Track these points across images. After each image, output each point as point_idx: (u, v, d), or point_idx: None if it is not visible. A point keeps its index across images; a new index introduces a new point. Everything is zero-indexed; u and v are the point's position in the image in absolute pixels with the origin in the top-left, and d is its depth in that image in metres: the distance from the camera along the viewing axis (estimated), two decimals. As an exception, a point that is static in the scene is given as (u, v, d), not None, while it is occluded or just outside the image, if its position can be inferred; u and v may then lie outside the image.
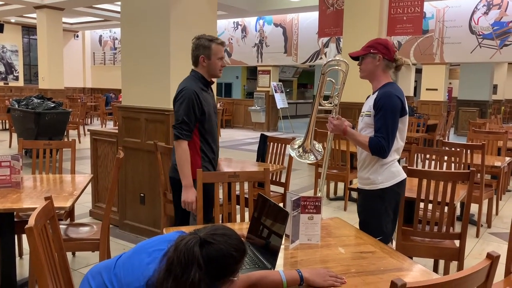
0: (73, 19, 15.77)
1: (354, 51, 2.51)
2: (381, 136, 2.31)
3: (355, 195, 5.40)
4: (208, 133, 2.64)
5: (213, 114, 2.67)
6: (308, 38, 12.64)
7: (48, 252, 1.56)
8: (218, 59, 2.61)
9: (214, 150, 2.72)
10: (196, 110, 2.52)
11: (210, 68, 2.61)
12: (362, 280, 1.59)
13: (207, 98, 2.62)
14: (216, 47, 2.59)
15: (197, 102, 2.53)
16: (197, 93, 2.53)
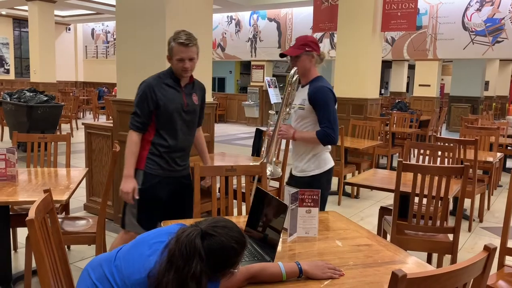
0: (65, 12, 15.60)
1: (289, 50, 2.65)
2: (326, 127, 2.58)
3: (349, 189, 5.44)
4: (164, 127, 2.53)
5: (176, 111, 2.52)
6: (302, 33, 12.51)
7: (47, 245, 1.56)
8: (177, 60, 2.44)
9: (171, 146, 2.55)
10: (149, 103, 2.46)
11: (173, 67, 2.51)
12: (359, 272, 1.61)
13: (168, 93, 2.50)
14: (176, 48, 2.42)
15: (151, 95, 2.46)
16: (153, 87, 2.47)
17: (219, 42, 14.36)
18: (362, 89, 6.78)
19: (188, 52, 2.42)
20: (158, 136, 2.53)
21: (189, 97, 2.59)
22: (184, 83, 2.57)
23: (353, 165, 5.41)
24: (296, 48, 2.63)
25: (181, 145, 2.59)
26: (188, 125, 2.62)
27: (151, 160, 2.53)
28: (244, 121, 14.03)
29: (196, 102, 2.64)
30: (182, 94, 2.55)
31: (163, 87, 2.49)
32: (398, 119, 8.08)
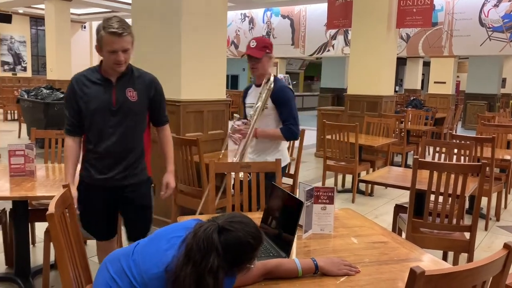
0: (81, 10, 15.77)
1: (254, 51, 2.76)
2: (290, 124, 2.78)
3: (363, 187, 5.41)
4: (89, 130, 2.22)
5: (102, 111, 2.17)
6: (316, 30, 12.59)
7: (66, 239, 1.59)
8: (109, 52, 2.07)
9: (98, 151, 2.21)
10: (73, 102, 2.18)
11: (104, 60, 2.15)
12: (375, 269, 1.60)
13: (90, 91, 2.16)
14: (106, 38, 2.05)
15: (73, 94, 2.17)
16: (73, 84, 2.18)
17: (233, 39, 14.37)
18: (377, 86, 6.74)
19: (122, 43, 2.05)
20: (87, 139, 2.26)
21: (121, 93, 2.19)
22: (116, 77, 2.19)
23: (368, 162, 5.38)
24: (259, 50, 2.76)
25: (112, 150, 2.21)
26: (125, 127, 2.21)
27: (84, 166, 2.29)
28: (257, 119, 14.01)
29: (134, 98, 2.20)
30: (112, 90, 2.18)
31: (86, 83, 2.17)
32: (413, 116, 8.01)
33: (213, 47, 3.97)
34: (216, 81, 4.06)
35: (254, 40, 2.80)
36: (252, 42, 2.78)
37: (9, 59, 16.71)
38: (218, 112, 4.11)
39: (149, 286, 1.37)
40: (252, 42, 2.78)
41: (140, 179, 2.31)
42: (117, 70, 2.14)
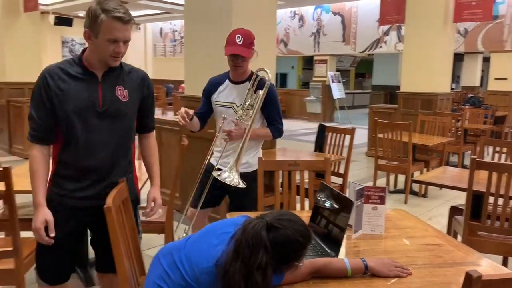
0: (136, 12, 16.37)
1: (242, 50, 2.45)
2: (278, 123, 2.68)
3: (416, 188, 5.24)
4: (67, 136, 1.77)
5: (85, 113, 1.76)
6: (368, 26, 12.30)
7: (122, 231, 1.66)
8: (109, 41, 1.71)
9: (80, 165, 1.80)
10: (45, 100, 1.73)
11: (97, 50, 1.75)
12: (429, 272, 1.55)
13: (70, 86, 1.74)
14: (108, 23, 1.69)
15: (46, 90, 1.72)
16: (46, 77, 1.73)
17: (282, 37, 14.35)
18: (432, 83, 6.49)
19: (125, 31, 1.74)
20: (64, 149, 1.80)
21: (109, 91, 1.81)
22: (102, 72, 1.82)
23: (421, 162, 5.19)
24: (247, 48, 2.48)
25: (96, 163, 1.81)
26: (112, 133, 1.82)
27: (56, 184, 1.82)
28: (306, 117, 13.93)
29: (125, 98, 1.84)
30: (98, 87, 1.79)
31: (63, 77, 1.75)
32: (471, 114, 7.64)
33: (262, 46, 3.96)
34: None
35: (239, 34, 2.45)
36: (237, 37, 2.44)
37: (70, 61, 17.63)
38: (267, 111, 4.12)
39: (200, 280, 1.40)
40: (237, 38, 2.44)
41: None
42: (112, 64, 1.79)
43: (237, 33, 2.46)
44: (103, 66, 1.80)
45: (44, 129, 1.75)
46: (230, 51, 2.46)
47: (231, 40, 2.46)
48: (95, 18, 1.70)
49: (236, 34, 2.46)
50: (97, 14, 1.69)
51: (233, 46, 2.44)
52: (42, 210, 1.74)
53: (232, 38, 2.46)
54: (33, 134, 1.76)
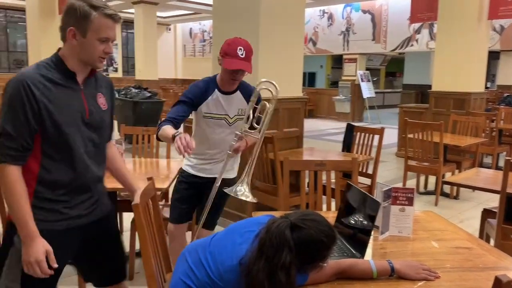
0: (166, 13, 16.62)
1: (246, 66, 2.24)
2: None
3: (447, 189, 5.11)
4: (55, 153, 1.56)
5: (74, 125, 1.58)
6: (398, 24, 12.07)
7: (149, 228, 1.69)
8: (100, 41, 1.56)
9: (69, 183, 1.60)
10: (28, 114, 1.48)
11: (83, 51, 1.57)
12: (458, 276, 1.51)
13: (59, 97, 1.54)
14: (100, 20, 1.54)
15: (30, 102, 1.48)
16: (29, 86, 1.48)
17: (311, 36, 14.26)
18: (465, 82, 6.31)
19: (115, 30, 1.61)
20: (50, 170, 1.57)
21: (92, 100, 1.66)
22: (83, 78, 1.64)
23: (453, 163, 5.06)
24: (249, 61, 2.28)
25: (86, 180, 1.65)
26: (96, 145, 1.68)
27: (40, 209, 1.56)
28: (335, 116, 13.80)
29: (105, 106, 1.72)
30: (81, 95, 1.62)
31: (47, 85, 1.52)
32: (506, 114, 7.36)
33: (290, 45, 3.98)
34: (293, 78, 4.07)
35: (241, 47, 2.24)
36: (239, 49, 2.23)
37: (103, 61, 18.09)
38: (294, 110, 4.12)
39: (224, 277, 1.42)
40: (239, 50, 2.23)
41: (108, 209, 1.79)
42: (99, 66, 1.64)
43: (238, 45, 2.25)
44: (84, 70, 1.63)
45: (24, 147, 1.50)
46: (233, 65, 2.23)
47: (232, 53, 2.24)
48: (84, 15, 1.53)
49: (237, 46, 2.25)
50: (86, 10, 1.53)
51: (235, 59, 2.24)
52: (39, 239, 1.51)
53: (233, 50, 2.24)
54: (12, 154, 1.49)
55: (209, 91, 2.39)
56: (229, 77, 2.32)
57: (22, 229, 1.51)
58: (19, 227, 1.51)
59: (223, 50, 2.28)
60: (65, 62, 1.58)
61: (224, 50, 2.28)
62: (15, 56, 15.75)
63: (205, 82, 2.41)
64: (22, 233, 1.51)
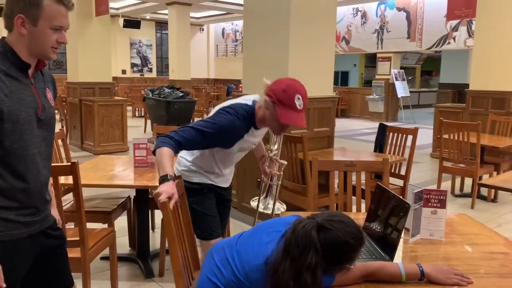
0: (199, 13, 16.82)
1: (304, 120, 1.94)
2: None
3: (485, 192, 4.93)
4: (12, 155, 1.40)
5: (28, 121, 1.43)
6: (435, 22, 11.75)
7: (178, 225, 1.72)
8: (53, 29, 1.43)
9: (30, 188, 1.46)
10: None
11: (34, 41, 1.42)
12: (492, 282, 1.46)
13: (14, 91, 1.39)
14: (53, 7, 1.41)
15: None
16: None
17: (344, 35, 14.09)
18: (505, 81, 6.07)
19: (68, 18, 1.47)
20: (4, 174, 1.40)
21: (42, 94, 1.51)
22: (32, 71, 1.49)
23: (491, 165, 4.87)
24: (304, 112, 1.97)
25: (41, 181, 1.50)
26: (48, 144, 1.54)
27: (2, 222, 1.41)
28: (368, 116, 13.58)
29: (53, 103, 1.57)
30: (33, 90, 1.47)
31: (2, 78, 1.38)
32: (549, 114, 7.05)
33: (321, 44, 3.94)
34: (324, 77, 4.03)
35: (299, 95, 1.88)
36: (297, 99, 1.87)
37: (137, 61, 18.52)
38: (325, 109, 4.08)
39: (250, 276, 1.42)
40: (297, 100, 1.87)
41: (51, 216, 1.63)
42: (51, 57, 1.49)
43: (296, 93, 1.88)
44: (33, 62, 1.47)
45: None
46: (291, 120, 1.89)
47: (288, 102, 1.87)
48: (33, 2, 1.38)
49: (295, 94, 1.87)
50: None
51: (292, 112, 1.88)
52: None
53: (291, 99, 1.87)
54: None
55: (245, 130, 2.04)
56: (278, 129, 2.01)
57: None
58: None
59: (276, 96, 1.88)
60: (21, 51, 1.42)
61: (278, 96, 1.87)
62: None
63: (243, 121, 1.98)
64: None
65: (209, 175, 2.18)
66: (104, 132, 7.18)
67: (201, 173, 2.17)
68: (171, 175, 1.70)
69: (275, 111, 1.89)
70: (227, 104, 2.03)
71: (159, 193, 1.62)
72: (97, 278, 2.85)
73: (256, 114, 2.00)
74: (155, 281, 2.91)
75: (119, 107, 7.34)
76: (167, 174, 1.69)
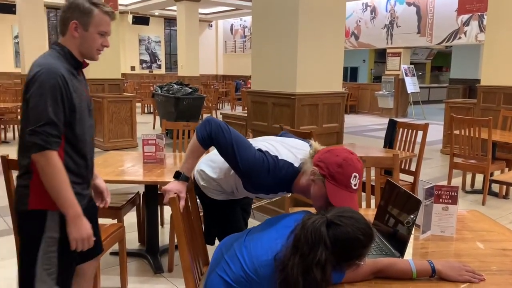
0: (208, 10, 16.82)
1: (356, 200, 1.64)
2: None
3: (496, 188, 4.88)
4: (80, 141, 1.73)
5: (86, 112, 1.77)
6: (445, 17, 11.62)
7: (186, 221, 1.72)
8: (99, 34, 1.73)
9: (89, 166, 1.81)
10: (65, 103, 1.63)
11: (84, 43, 1.72)
12: (505, 279, 1.44)
13: (77, 87, 1.70)
14: (100, 17, 1.72)
15: (66, 91, 1.63)
16: (64, 77, 1.63)
17: (353, 30, 14.00)
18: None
19: (110, 27, 1.80)
20: (72, 155, 1.71)
21: (86, 88, 1.84)
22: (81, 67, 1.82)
23: (503, 161, 4.82)
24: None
25: (92, 159, 1.86)
26: (93, 130, 1.89)
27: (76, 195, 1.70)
28: (377, 112, 13.50)
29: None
30: (83, 85, 1.80)
31: (69, 76, 1.68)
32: (563, 110, 6.94)
33: (330, 39, 3.92)
34: (333, 73, 4.01)
35: (356, 174, 1.58)
36: (353, 177, 1.57)
37: (146, 58, 18.59)
38: (334, 105, 4.06)
39: (259, 272, 1.42)
40: (354, 179, 1.57)
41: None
42: (96, 58, 1.81)
43: (354, 171, 1.58)
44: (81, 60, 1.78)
45: (61, 134, 1.63)
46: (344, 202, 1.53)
47: (343, 181, 1.56)
48: (86, 11, 1.70)
49: (352, 172, 1.58)
50: (88, 7, 1.71)
51: (346, 192, 1.57)
52: (84, 218, 1.67)
53: (347, 178, 1.57)
54: (55, 141, 1.59)
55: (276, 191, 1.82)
56: (323, 206, 1.57)
57: (70, 210, 1.63)
58: (67, 208, 1.63)
59: (329, 170, 1.57)
60: (78, 53, 1.74)
61: (331, 171, 1.57)
62: (65, 54, 16.44)
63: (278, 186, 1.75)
64: (70, 213, 1.63)
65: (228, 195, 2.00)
66: (113, 128, 7.22)
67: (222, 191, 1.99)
68: (186, 175, 1.71)
69: (324, 187, 1.57)
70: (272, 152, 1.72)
71: (166, 190, 1.63)
72: (106, 273, 2.87)
73: (297, 181, 1.69)
74: (164, 276, 2.92)
75: (128, 104, 7.37)
76: (181, 174, 1.70)
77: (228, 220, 2.05)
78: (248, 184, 1.76)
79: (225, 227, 1.99)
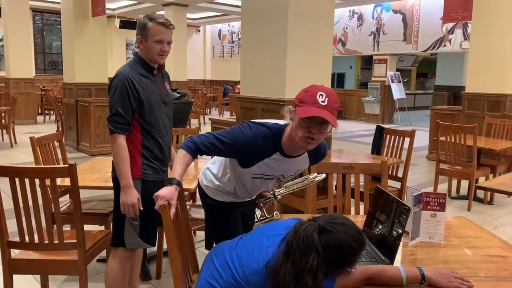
0: (196, 15, 16.80)
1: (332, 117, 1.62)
2: None
3: (481, 194, 4.95)
4: (151, 126, 2.22)
5: (158, 104, 2.25)
6: (431, 24, 11.80)
7: (177, 229, 1.71)
8: (156, 42, 2.17)
9: (163, 146, 2.28)
10: (131, 99, 2.14)
11: (148, 52, 2.20)
12: (492, 285, 1.46)
13: (148, 85, 2.21)
14: (154, 28, 2.16)
15: (132, 90, 2.14)
16: (131, 79, 2.14)
17: (340, 37, 14.12)
18: (501, 84, 6.11)
19: (168, 34, 2.20)
20: (147, 137, 2.23)
21: (163, 86, 2.34)
22: (156, 72, 2.30)
23: (487, 167, 4.90)
24: (333, 114, 1.66)
25: (168, 143, 2.34)
26: (169, 118, 2.36)
27: (148, 166, 2.22)
28: (364, 118, 13.61)
29: (170, 91, 2.43)
30: (157, 83, 2.29)
31: (140, 78, 2.19)
32: (545, 117, 7.08)
33: (319, 46, 3.94)
34: (321, 79, 4.02)
35: (322, 92, 1.65)
36: (319, 95, 1.64)
37: (134, 62, 18.44)
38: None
39: (250, 280, 1.41)
40: (320, 96, 1.63)
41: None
42: (160, 62, 2.26)
43: (319, 90, 1.66)
44: (154, 64, 2.26)
45: (128, 122, 2.16)
46: (310, 112, 1.60)
47: (309, 99, 1.64)
48: (144, 26, 2.17)
49: (317, 91, 1.65)
50: (145, 22, 2.17)
51: (314, 107, 1.61)
52: (133, 190, 2.14)
53: (312, 96, 1.64)
54: (121, 127, 2.14)
55: (267, 152, 1.81)
56: (304, 136, 1.64)
57: (123, 180, 2.13)
58: (123, 179, 2.13)
59: (297, 98, 1.68)
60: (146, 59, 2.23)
61: (299, 98, 1.68)
62: (51, 57, 16.27)
63: (265, 140, 1.78)
64: (123, 183, 2.13)
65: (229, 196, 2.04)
66: (100, 133, 7.15)
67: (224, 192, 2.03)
68: (177, 180, 1.70)
69: (297, 112, 1.63)
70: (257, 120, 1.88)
71: (158, 196, 1.62)
72: (94, 280, 2.83)
73: (284, 138, 1.77)
74: (152, 283, 2.89)
75: (115, 108, 7.29)
76: (173, 178, 1.70)
77: (225, 222, 2.06)
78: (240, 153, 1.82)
79: (222, 230, 2.04)
